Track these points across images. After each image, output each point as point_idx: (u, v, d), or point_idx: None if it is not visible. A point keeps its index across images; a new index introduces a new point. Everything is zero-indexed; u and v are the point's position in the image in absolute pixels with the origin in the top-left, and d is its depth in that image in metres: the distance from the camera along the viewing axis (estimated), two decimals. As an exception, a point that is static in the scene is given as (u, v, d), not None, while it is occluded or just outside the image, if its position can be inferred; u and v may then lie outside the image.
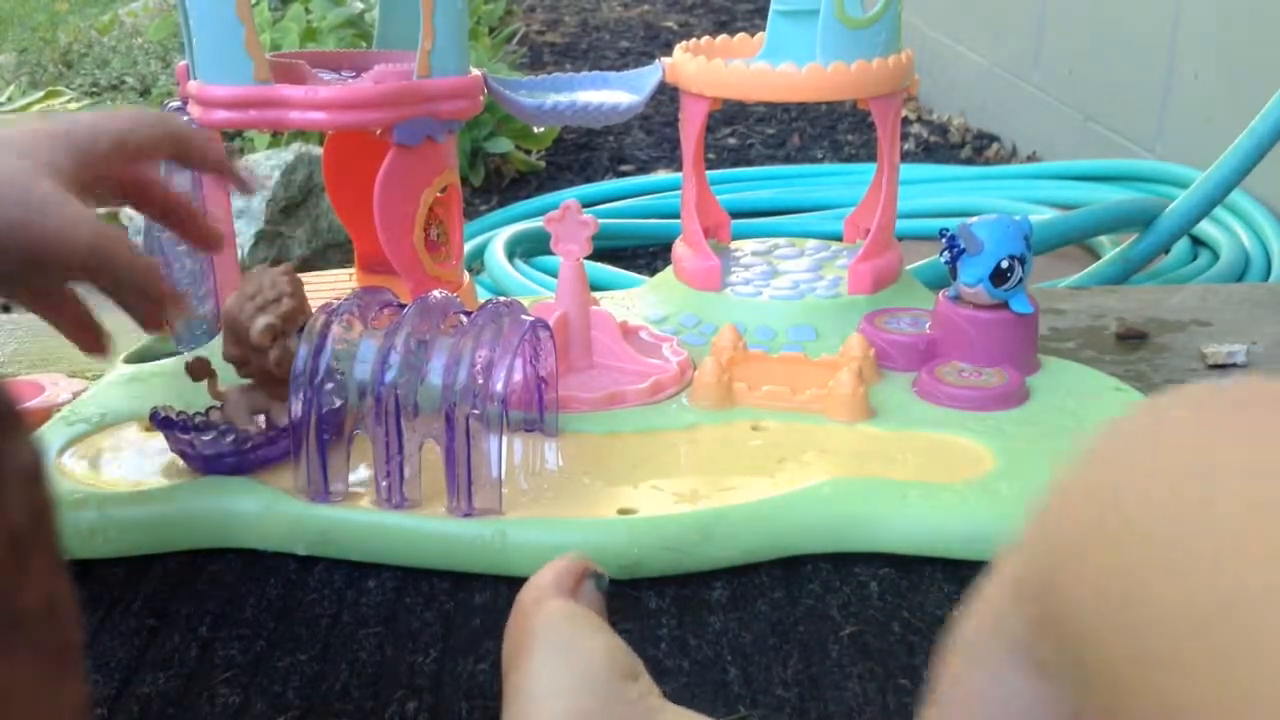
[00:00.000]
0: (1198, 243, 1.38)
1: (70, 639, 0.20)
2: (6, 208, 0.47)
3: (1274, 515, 0.19)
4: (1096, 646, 0.22)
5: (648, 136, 1.69)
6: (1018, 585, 0.25)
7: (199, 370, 0.61)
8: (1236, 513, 0.20)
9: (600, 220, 0.71)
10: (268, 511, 0.59)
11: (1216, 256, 1.32)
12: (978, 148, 1.66)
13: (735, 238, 0.87)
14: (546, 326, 0.64)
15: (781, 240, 0.88)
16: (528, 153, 1.55)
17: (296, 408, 0.58)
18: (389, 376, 0.57)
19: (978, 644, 0.27)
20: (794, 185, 1.45)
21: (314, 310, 0.60)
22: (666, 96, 1.32)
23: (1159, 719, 0.20)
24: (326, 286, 0.84)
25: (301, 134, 1.56)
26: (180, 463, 0.62)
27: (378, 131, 0.70)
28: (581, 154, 1.62)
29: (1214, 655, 0.19)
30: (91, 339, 0.57)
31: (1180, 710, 0.19)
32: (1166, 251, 1.30)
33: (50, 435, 0.65)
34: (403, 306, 0.60)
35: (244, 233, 1.46)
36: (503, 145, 1.47)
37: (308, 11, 1.62)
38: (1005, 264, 0.67)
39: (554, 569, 0.38)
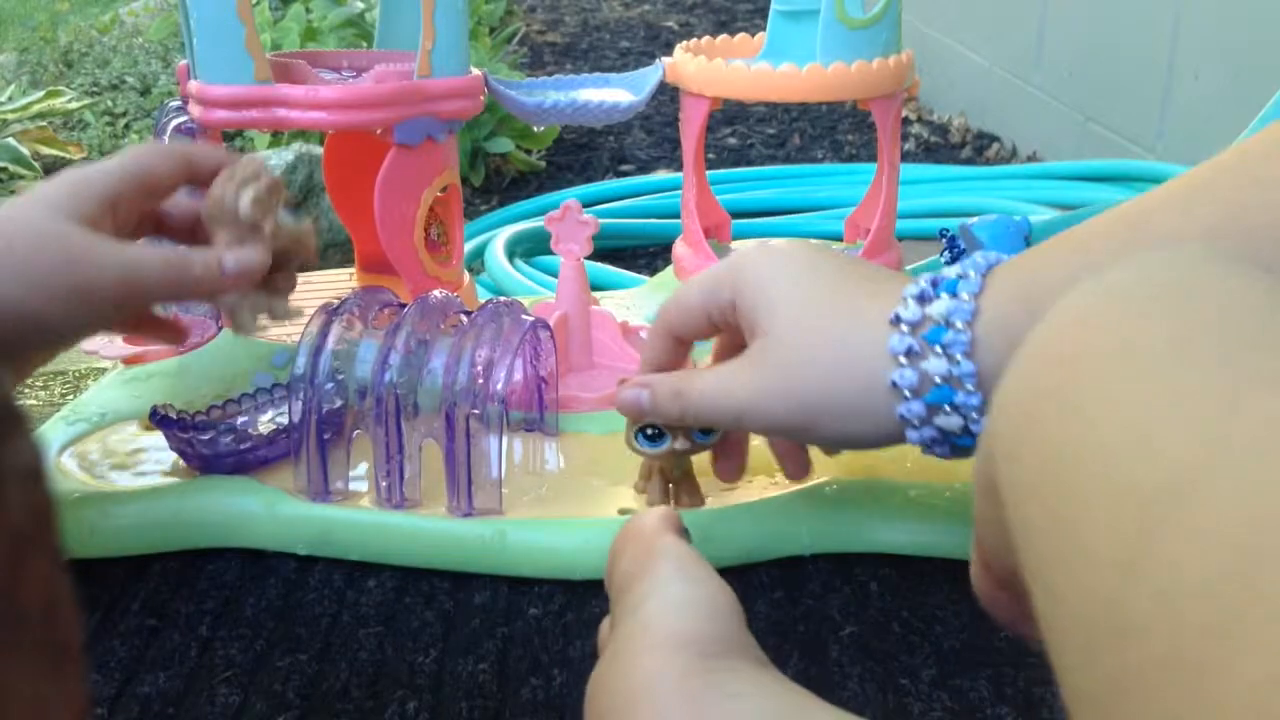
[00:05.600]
0: (1198, 243, 1.38)
1: (70, 639, 0.20)
2: (43, 262, 0.49)
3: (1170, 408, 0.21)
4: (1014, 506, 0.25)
5: (648, 136, 1.69)
6: (984, 445, 0.28)
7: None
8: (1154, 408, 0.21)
9: (600, 220, 0.71)
10: (268, 511, 0.59)
11: (1216, 257, 1.32)
12: (978, 148, 1.66)
13: (735, 237, 0.87)
14: (547, 326, 0.64)
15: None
16: (528, 152, 1.55)
17: (296, 408, 0.58)
18: (389, 376, 0.57)
19: (977, 495, 0.30)
20: (794, 185, 1.44)
21: (314, 310, 0.60)
22: (667, 96, 1.32)
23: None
24: (326, 286, 0.84)
25: (302, 134, 1.56)
26: (181, 462, 0.62)
27: (378, 131, 0.70)
28: (582, 154, 1.62)
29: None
30: (168, 333, 0.62)
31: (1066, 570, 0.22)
32: (1166, 252, 1.30)
33: (50, 434, 0.65)
34: (403, 306, 0.60)
35: (244, 232, 1.46)
36: (503, 145, 1.47)
37: (308, 11, 1.62)
38: (1005, 264, 0.67)
39: (657, 514, 0.39)
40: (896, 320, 0.46)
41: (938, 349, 0.44)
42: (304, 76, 0.71)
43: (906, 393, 0.45)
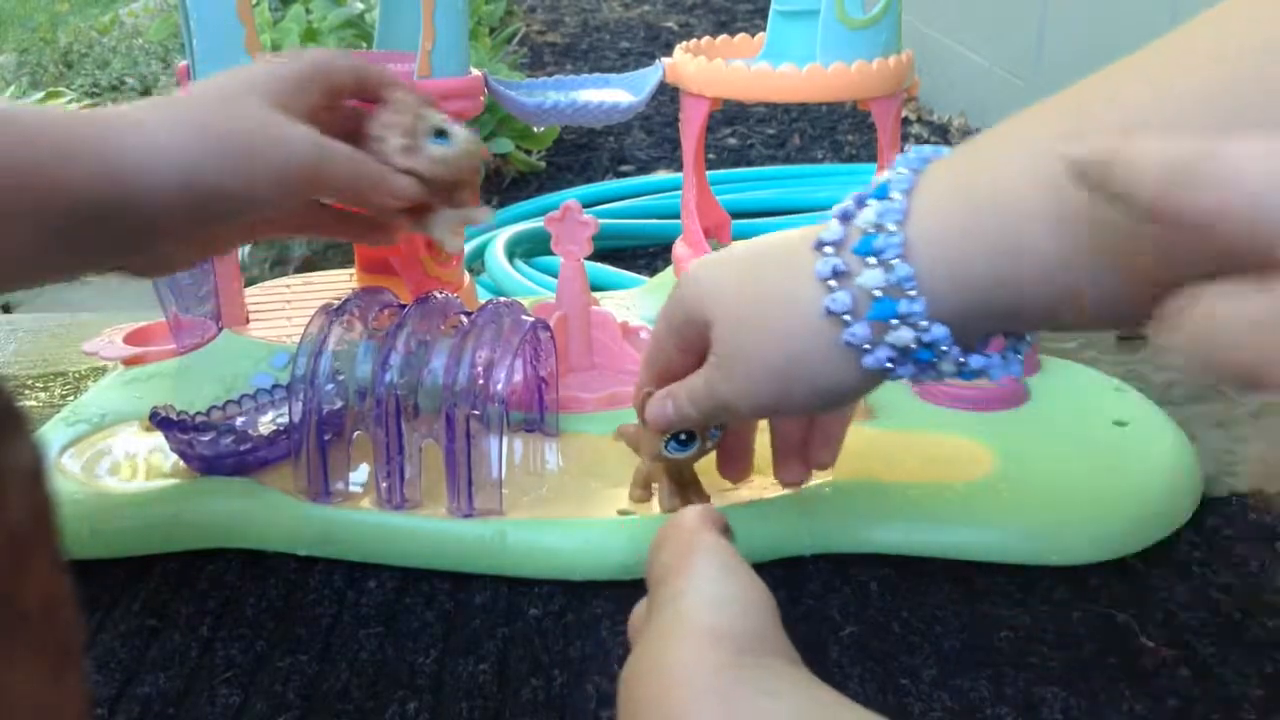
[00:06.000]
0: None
1: (71, 639, 0.20)
2: (244, 141, 0.51)
3: None
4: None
5: (648, 137, 1.69)
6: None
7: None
8: None
9: (600, 220, 0.71)
10: (268, 512, 0.59)
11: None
12: (978, 148, 1.66)
13: (736, 238, 0.87)
14: (547, 327, 0.64)
15: (782, 240, 0.87)
16: (528, 153, 1.55)
17: (297, 409, 0.58)
18: (389, 377, 0.57)
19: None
20: (794, 185, 1.44)
21: (315, 311, 0.60)
22: (667, 97, 1.32)
23: None
24: (326, 286, 0.84)
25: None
26: (181, 463, 0.62)
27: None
28: (582, 154, 1.62)
29: None
30: (371, 232, 0.63)
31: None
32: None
33: (51, 435, 0.65)
34: (403, 307, 0.60)
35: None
36: (503, 146, 1.47)
37: (308, 12, 1.62)
38: (1005, 264, 0.67)
39: (698, 510, 0.39)
40: (820, 245, 0.42)
41: (870, 260, 0.41)
42: (304, 77, 0.71)
43: (845, 317, 0.42)
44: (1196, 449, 0.65)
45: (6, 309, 1.19)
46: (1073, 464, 0.62)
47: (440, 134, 0.57)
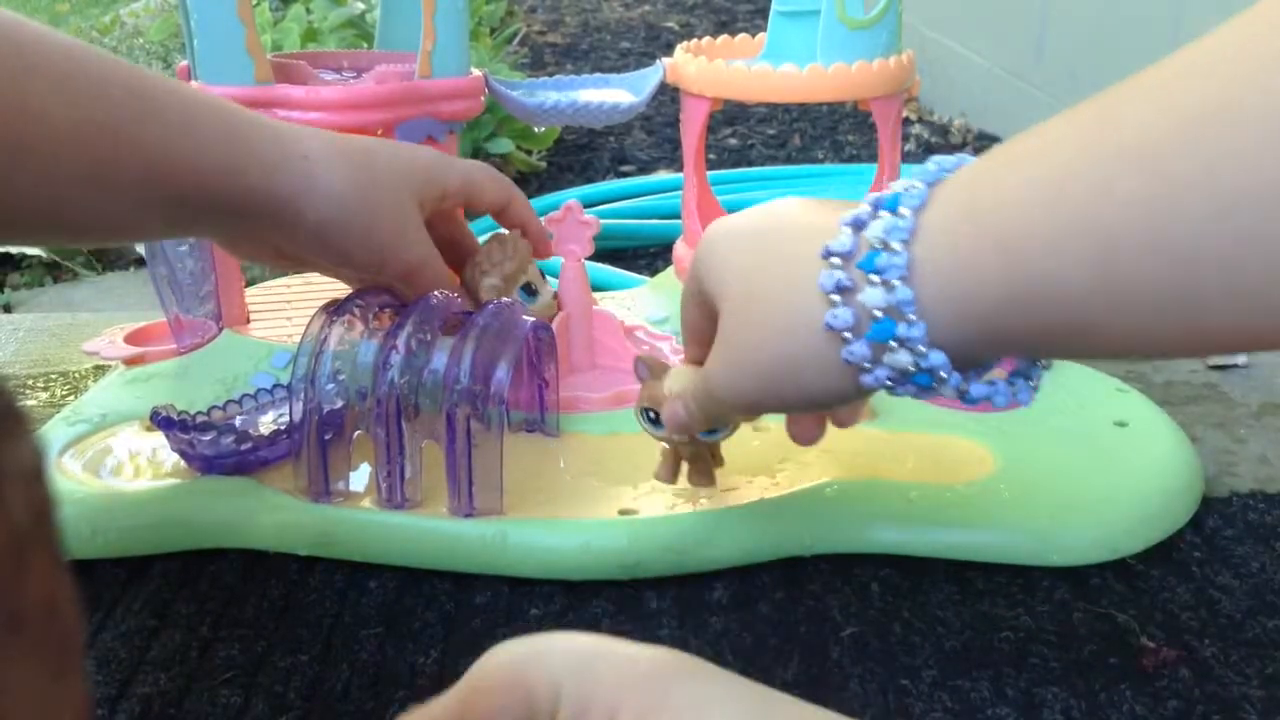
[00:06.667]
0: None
1: (71, 639, 0.20)
2: (374, 235, 0.59)
3: None
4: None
5: (649, 137, 1.69)
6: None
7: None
8: None
9: (601, 220, 0.71)
10: (269, 512, 0.59)
11: (1217, 257, 1.31)
12: (979, 148, 1.66)
13: (736, 238, 0.87)
14: (547, 327, 0.64)
15: (782, 241, 0.87)
16: (528, 153, 1.55)
17: (297, 408, 0.58)
18: (390, 377, 0.57)
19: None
20: (795, 186, 1.44)
21: (315, 311, 0.60)
22: (667, 97, 1.32)
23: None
24: (327, 287, 0.84)
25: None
26: (182, 463, 0.62)
27: (378, 132, 0.70)
28: (582, 154, 1.62)
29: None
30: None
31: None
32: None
33: (51, 435, 0.65)
34: (403, 307, 0.60)
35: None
36: (503, 146, 1.47)
37: (309, 12, 1.62)
38: (1006, 264, 0.67)
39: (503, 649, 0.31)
40: (827, 254, 0.41)
41: (873, 277, 0.39)
42: (304, 77, 0.71)
43: (846, 335, 0.40)
44: (1196, 449, 0.65)
45: (7, 309, 1.19)
46: (1073, 464, 0.62)
47: (530, 290, 0.66)
